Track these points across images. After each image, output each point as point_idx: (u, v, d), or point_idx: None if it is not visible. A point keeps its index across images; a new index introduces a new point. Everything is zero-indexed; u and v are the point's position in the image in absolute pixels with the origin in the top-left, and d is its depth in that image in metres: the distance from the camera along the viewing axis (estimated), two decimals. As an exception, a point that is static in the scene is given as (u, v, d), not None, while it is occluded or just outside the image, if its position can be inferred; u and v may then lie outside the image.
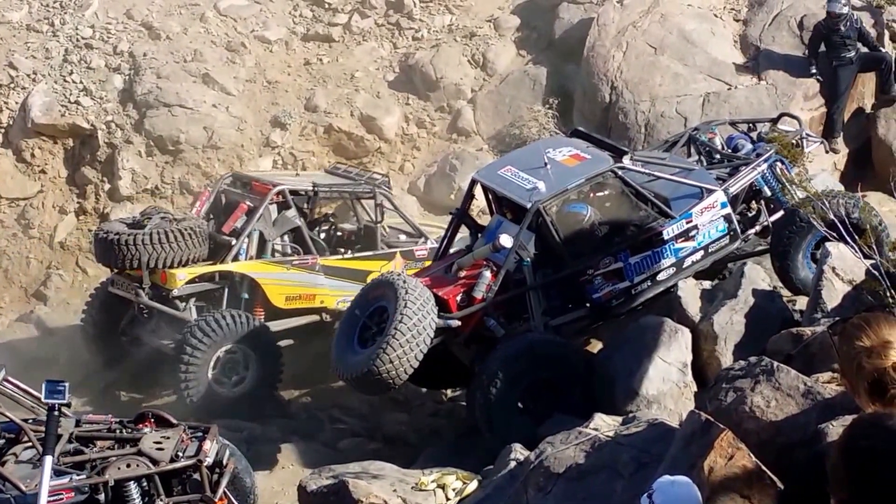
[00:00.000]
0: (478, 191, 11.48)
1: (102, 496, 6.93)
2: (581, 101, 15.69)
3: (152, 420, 7.58)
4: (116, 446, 7.27)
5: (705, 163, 11.75)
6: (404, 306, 9.94)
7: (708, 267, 11.22)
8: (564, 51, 16.36)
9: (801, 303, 10.58)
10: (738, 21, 16.17)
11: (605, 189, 10.97)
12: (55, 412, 6.26)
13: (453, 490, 8.57)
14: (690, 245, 10.93)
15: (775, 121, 12.55)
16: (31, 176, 15.62)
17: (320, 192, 12.89)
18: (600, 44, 15.76)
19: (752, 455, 6.07)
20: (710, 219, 10.96)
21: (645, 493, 4.41)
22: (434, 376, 11.27)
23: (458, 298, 10.52)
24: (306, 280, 12.47)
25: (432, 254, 12.29)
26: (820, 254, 9.97)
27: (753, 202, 11.58)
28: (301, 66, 16.74)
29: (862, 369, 3.33)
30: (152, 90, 15.79)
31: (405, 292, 10.02)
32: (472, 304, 10.50)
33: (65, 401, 6.29)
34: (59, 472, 6.78)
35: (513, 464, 8.21)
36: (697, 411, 6.71)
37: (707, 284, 10.92)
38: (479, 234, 11.20)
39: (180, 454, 7.24)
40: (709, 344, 10.09)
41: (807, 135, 12.40)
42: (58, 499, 6.68)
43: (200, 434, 7.56)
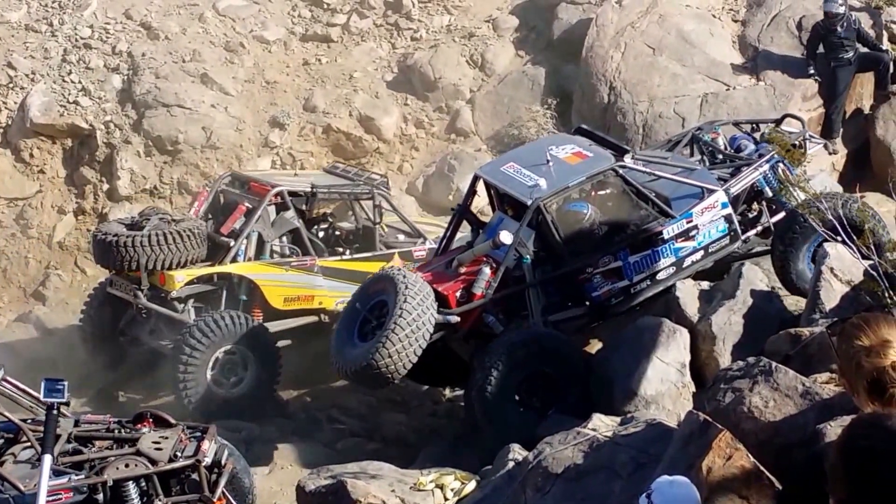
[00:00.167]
0: (481, 187, 11.50)
1: (101, 496, 6.92)
2: (579, 102, 15.68)
3: (151, 420, 7.56)
4: (115, 446, 7.25)
5: (708, 163, 11.75)
6: (404, 301, 9.96)
7: (711, 267, 11.22)
8: (563, 51, 16.36)
9: (790, 300, 10.61)
10: (736, 22, 16.16)
11: (606, 188, 10.97)
12: (54, 411, 6.25)
13: (452, 490, 8.57)
14: (690, 245, 10.93)
15: (779, 122, 12.54)
16: (30, 176, 15.61)
17: (319, 193, 12.87)
18: (599, 44, 15.75)
19: (750, 455, 6.07)
20: (710, 219, 10.96)
21: (644, 493, 4.42)
22: (434, 373, 11.27)
23: (458, 294, 10.54)
24: (305, 281, 12.45)
25: (431, 255, 12.29)
26: (818, 254, 9.97)
27: (755, 203, 11.58)
28: (300, 67, 16.73)
29: (861, 368, 3.33)
30: (151, 90, 15.78)
31: (405, 287, 10.04)
32: (471, 301, 10.52)
33: (64, 399, 6.27)
34: (58, 472, 6.77)
35: (511, 464, 8.21)
36: (696, 412, 6.71)
37: (705, 285, 10.91)
38: (481, 230, 11.22)
39: (179, 454, 7.23)
40: (707, 344, 10.09)
41: (809, 136, 12.40)
42: (56, 499, 6.67)
43: (199, 434, 7.55)
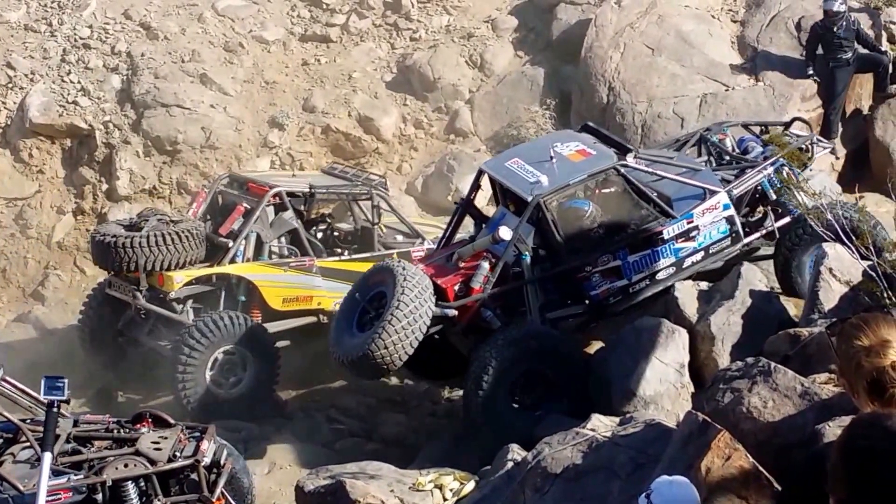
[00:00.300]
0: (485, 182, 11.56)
1: (100, 496, 6.92)
2: (579, 102, 15.68)
3: (150, 420, 7.56)
4: (114, 446, 7.25)
5: (714, 163, 11.74)
6: (402, 293, 10.02)
7: (720, 268, 11.20)
8: (562, 52, 16.36)
9: (789, 300, 10.61)
10: (735, 22, 16.17)
11: (607, 186, 10.97)
12: (54, 409, 6.25)
13: (450, 490, 8.57)
14: (691, 245, 10.92)
15: (788, 125, 12.54)
16: (29, 176, 15.61)
17: (317, 194, 12.88)
18: (598, 45, 15.76)
19: (749, 456, 6.08)
20: (711, 220, 10.95)
21: (643, 493, 4.42)
22: (435, 367, 11.36)
23: (456, 288, 10.59)
24: (303, 282, 12.45)
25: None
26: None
27: (761, 206, 11.55)
28: (299, 67, 16.73)
29: (861, 368, 3.33)
30: (150, 90, 15.78)
31: (404, 279, 10.11)
32: (469, 294, 10.56)
33: (64, 397, 6.26)
34: (57, 472, 6.77)
35: (510, 464, 8.21)
36: (695, 412, 6.72)
37: (704, 285, 10.90)
38: (484, 224, 11.25)
39: (178, 454, 7.23)
40: (706, 345, 10.10)
41: (817, 140, 12.39)
42: (56, 499, 6.67)
43: (198, 434, 7.55)
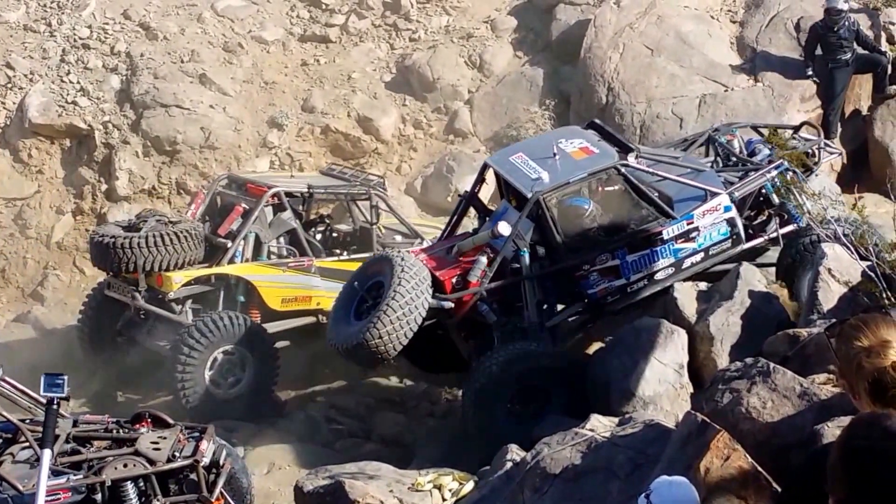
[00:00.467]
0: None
1: (99, 496, 6.92)
2: (578, 103, 15.68)
3: (149, 420, 7.56)
4: (113, 446, 7.25)
5: (721, 164, 11.74)
6: (398, 283, 10.11)
7: (711, 269, 11.21)
8: (561, 52, 16.36)
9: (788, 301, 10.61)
10: (734, 23, 16.17)
11: (608, 185, 10.99)
12: (54, 406, 6.24)
13: (450, 491, 8.57)
14: (690, 246, 10.91)
15: (797, 128, 12.54)
16: (29, 176, 15.61)
17: (316, 194, 12.89)
18: (597, 45, 15.76)
19: (748, 456, 6.08)
20: (712, 221, 10.94)
21: (643, 493, 4.43)
22: (438, 362, 11.52)
23: (454, 281, 10.63)
24: (302, 282, 12.45)
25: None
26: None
27: (766, 209, 11.53)
28: (298, 67, 16.73)
29: (861, 369, 3.32)
30: (149, 90, 15.78)
31: (401, 270, 10.19)
32: (466, 288, 10.60)
33: (63, 394, 6.24)
34: (57, 472, 6.77)
35: (509, 464, 8.21)
36: (694, 412, 6.72)
37: (703, 286, 10.90)
38: (487, 217, 11.29)
39: (177, 454, 7.23)
40: (705, 345, 10.09)
41: (825, 144, 12.37)
42: (55, 498, 6.66)
43: (197, 434, 7.55)
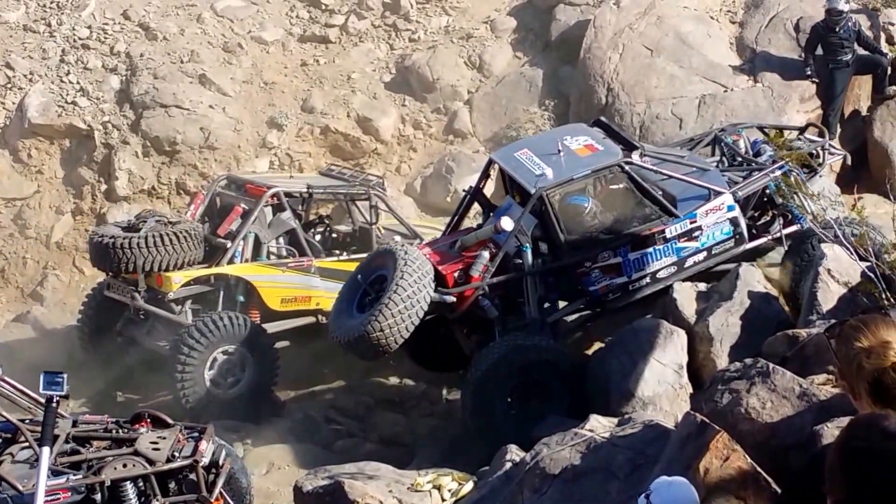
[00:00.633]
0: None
1: (99, 496, 6.92)
2: (577, 103, 15.68)
3: (149, 420, 7.56)
4: (113, 446, 7.25)
5: (726, 164, 11.75)
6: (401, 277, 10.15)
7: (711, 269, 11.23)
8: (561, 53, 16.36)
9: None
10: (734, 23, 16.17)
11: (612, 182, 11.00)
12: (53, 404, 6.24)
13: (449, 491, 8.58)
14: (693, 245, 10.92)
15: (803, 129, 12.55)
16: (28, 176, 15.61)
17: (315, 194, 12.90)
18: (597, 45, 15.76)
19: (747, 456, 6.08)
20: (714, 220, 10.95)
21: (642, 493, 4.43)
22: (442, 360, 11.60)
23: (456, 275, 10.68)
24: (302, 282, 12.45)
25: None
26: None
27: (770, 210, 11.53)
28: (298, 68, 16.73)
29: (862, 370, 3.31)
30: (149, 91, 15.78)
31: (404, 263, 10.24)
32: (469, 282, 10.63)
33: (63, 392, 6.23)
34: (56, 472, 6.77)
35: (508, 465, 8.21)
36: (693, 413, 6.73)
37: (703, 286, 10.91)
38: (491, 212, 11.32)
39: (177, 454, 7.23)
40: (704, 346, 10.10)
41: (829, 146, 12.37)
42: (55, 498, 6.66)
43: (197, 434, 7.55)
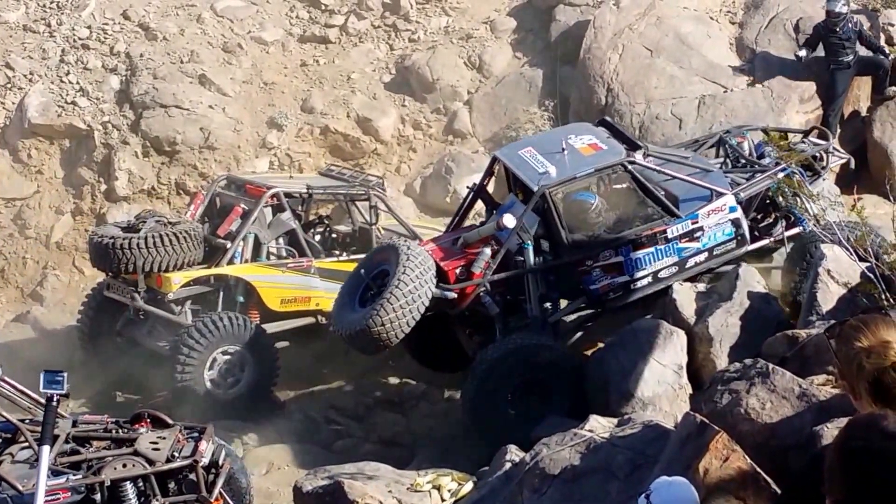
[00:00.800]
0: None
1: (98, 496, 6.92)
2: (577, 104, 15.68)
3: (148, 420, 7.56)
4: (113, 446, 7.24)
5: (730, 165, 11.77)
6: (403, 272, 10.20)
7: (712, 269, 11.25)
8: (561, 53, 16.36)
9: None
10: (734, 24, 16.17)
11: (614, 182, 11.02)
12: (53, 402, 6.23)
13: (449, 491, 8.58)
14: (695, 246, 10.94)
15: (807, 132, 12.57)
16: (28, 176, 15.61)
17: (315, 195, 12.90)
18: (596, 46, 15.76)
19: (747, 457, 6.09)
20: (716, 221, 10.97)
21: (642, 493, 4.43)
22: (445, 360, 11.67)
23: (458, 271, 10.71)
24: (301, 283, 12.45)
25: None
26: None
27: (773, 212, 11.53)
28: (297, 68, 16.73)
29: (862, 370, 3.31)
30: (149, 91, 15.78)
31: (406, 259, 10.27)
32: (470, 279, 10.65)
33: (63, 391, 6.22)
34: (56, 472, 6.77)
35: (508, 465, 8.21)
36: (693, 413, 6.73)
37: (702, 287, 10.92)
38: (495, 210, 11.35)
39: (176, 454, 7.23)
40: (704, 346, 10.10)
41: (833, 149, 12.37)
42: (54, 498, 6.66)
43: (196, 434, 7.55)
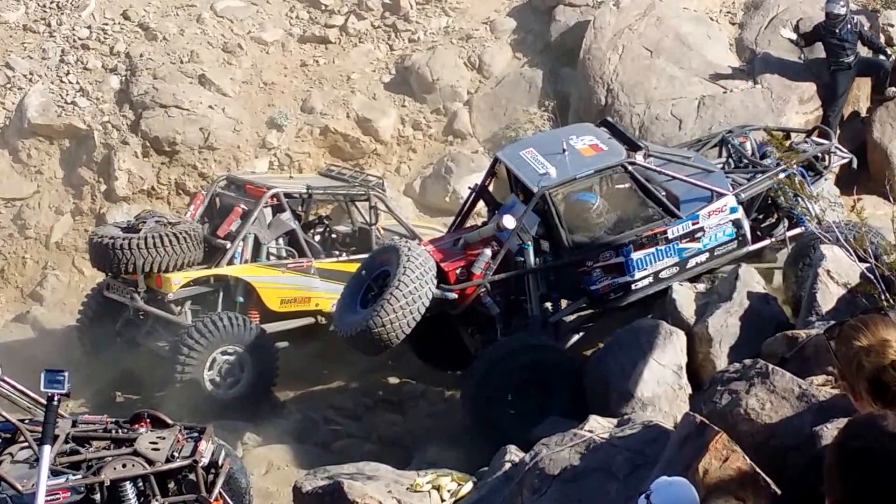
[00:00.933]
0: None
1: (98, 496, 6.92)
2: (577, 104, 15.69)
3: (148, 420, 7.56)
4: (112, 446, 7.24)
5: (732, 166, 11.77)
6: (403, 273, 10.23)
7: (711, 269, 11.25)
8: (560, 53, 16.37)
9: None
10: (733, 24, 16.19)
11: (615, 183, 11.03)
12: (54, 402, 6.23)
13: (448, 491, 8.58)
14: (695, 246, 10.95)
15: (810, 132, 12.57)
16: (28, 176, 15.61)
17: (315, 195, 12.90)
18: (596, 46, 15.77)
19: (746, 457, 6.08)
20: (717, 222, 10.98)
21: (642, 493, 4.43)
22: (448, 359, 11.70)
23: (458, 272, 10.75)
24: (301, 283, 12.45)
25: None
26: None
27: (774, 212, 11.54)
28: (297, 68, 16.73)
29: (861, 369, 3.31)
30: (149, 91, 15.78)
31: (407, 259, 10.31)
32: (471, 279, 10.67)
33: (64, 391, 6.20)
34: (56, 472, 6.77)
35: (508, 465, 8.22)
36: (692, 413, 6.73)
37: (702, 287, 10.93)
38: (496, 210, 11.35)
39: (176, 455, 7.23)
40: (703, 346, 10.10)
41: (836, 149, 12.36)
42: (54, 498, 6.66)
43: (196, 434, 7.54)
